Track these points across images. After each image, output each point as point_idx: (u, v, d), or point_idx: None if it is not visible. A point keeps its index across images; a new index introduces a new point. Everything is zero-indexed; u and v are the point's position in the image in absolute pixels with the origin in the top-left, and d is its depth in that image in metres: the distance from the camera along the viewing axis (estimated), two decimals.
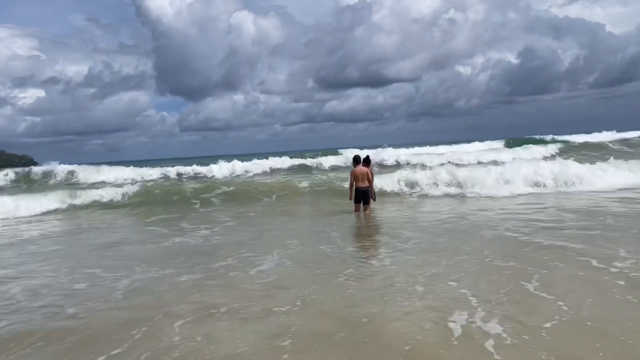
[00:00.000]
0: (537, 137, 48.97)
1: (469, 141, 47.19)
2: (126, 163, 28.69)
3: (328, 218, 12.21)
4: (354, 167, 12.56)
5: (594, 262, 6.30)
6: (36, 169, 26.32)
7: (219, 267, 7.24)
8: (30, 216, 15.44)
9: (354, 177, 12.33)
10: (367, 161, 12.90)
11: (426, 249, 7.79)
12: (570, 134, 50.15)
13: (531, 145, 35.93)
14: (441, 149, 41.30)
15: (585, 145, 37.93)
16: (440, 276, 6.09)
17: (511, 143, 44.10)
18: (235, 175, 27.36)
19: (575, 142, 41.46)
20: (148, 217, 14.18)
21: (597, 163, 17.01)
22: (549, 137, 48.11)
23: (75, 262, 8.20)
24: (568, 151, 32.23)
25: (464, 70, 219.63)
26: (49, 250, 9.51)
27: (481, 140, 48.20)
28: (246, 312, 5.10)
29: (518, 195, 14.43)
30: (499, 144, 45.59)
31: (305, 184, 18.71)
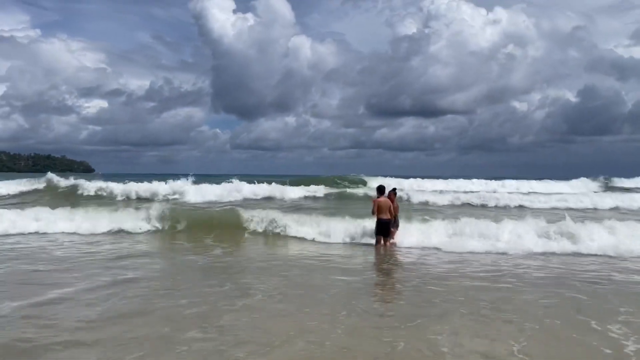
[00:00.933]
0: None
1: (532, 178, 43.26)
2: (179, 176, 29.00)
3: (344, 248, 11.93)
4: (378, 196, 12.30)
5: (593, 324, 5.79)
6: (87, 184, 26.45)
7: (210, 294, 7.07)
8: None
9: (377, 208, 12.05)
10: (393, 193, 12.66)
11: (422, 295, 7.31)
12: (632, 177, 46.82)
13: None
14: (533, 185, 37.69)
15: None
16: (426, 327, 5.66)
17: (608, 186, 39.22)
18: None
19: None
20: (177, 231, 14.33)
21: None
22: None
23: (75, 276, 8.26)
24: None
25: (519, 106, 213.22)
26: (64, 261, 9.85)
27: (530, 177, 44.44)
28: (210, 355, 4.81)
29: None
30: (593, 184, 40.08)
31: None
